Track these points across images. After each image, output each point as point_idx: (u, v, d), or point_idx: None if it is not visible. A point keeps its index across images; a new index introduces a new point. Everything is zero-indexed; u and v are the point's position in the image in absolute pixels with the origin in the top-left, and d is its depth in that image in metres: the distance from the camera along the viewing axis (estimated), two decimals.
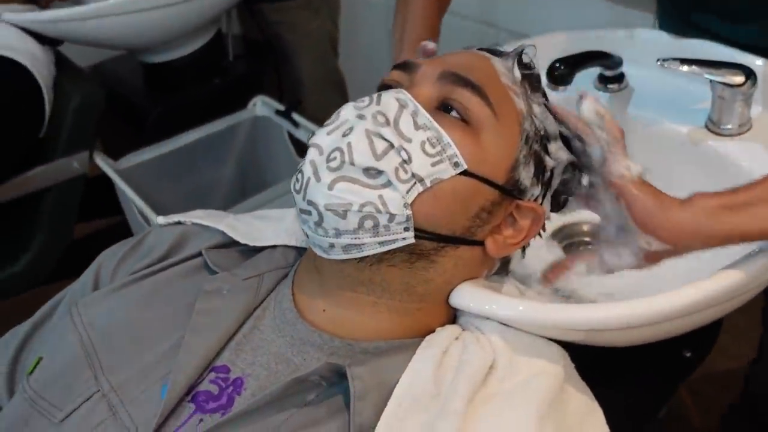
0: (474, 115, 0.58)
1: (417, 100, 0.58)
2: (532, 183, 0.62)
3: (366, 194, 0.54)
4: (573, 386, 0.58)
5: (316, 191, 0.54)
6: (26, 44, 1.23)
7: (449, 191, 0.56)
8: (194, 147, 1.49)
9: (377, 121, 0.56)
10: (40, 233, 1.35)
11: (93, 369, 0.58)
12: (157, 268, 0.67)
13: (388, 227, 0.55)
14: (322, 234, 0.56)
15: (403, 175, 0.54)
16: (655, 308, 0.58)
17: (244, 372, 0.57)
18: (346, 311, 0.59)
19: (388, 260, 0.57)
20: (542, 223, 0.64)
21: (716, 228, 0.59)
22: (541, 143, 0.62)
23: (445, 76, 0.60)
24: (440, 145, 0.56)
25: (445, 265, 0.59)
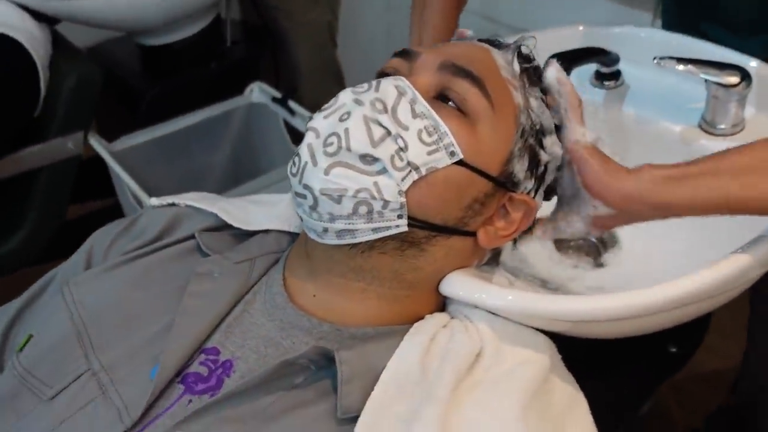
0: (472, 106, 0.59)
1: (415, 87, 0.58)
2: (526, 176, 0.62)
3: (361, 180, 0.54)
4: (558, 376, 0.59)
5: (312, 175, 0.55)
6: (24, 22, 1.22)
7: (443, 180, 0.56)
8: (189, 131, 1.49)
9: (375, 107, 0.56)
10: (32, 212, 1.34)
11: (84, 348, 0.58)
12: (150, 249, 0.67)
13: (382, 214, 0.55)
14: (316, 218, 0.56)
15: (398, 162, 0.54)
16: (641, 301, 0.58)
17: (234, 354, 0.57)
18: (336, 297, 0.60)
19: (380, 248, 0.57)
20: (534, 217, 0.65)
21: (660, 197, 0.59)
22: (537, 137, 0.63)
23: (446, 66, 0.60)
24: (437, 134, 0.56)
25: (435, 255, 0.60)
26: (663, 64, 0.82)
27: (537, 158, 0.63)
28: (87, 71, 1.30)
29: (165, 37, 1.50)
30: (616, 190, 0.60)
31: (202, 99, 1.51)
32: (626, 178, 0.60)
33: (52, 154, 1.30)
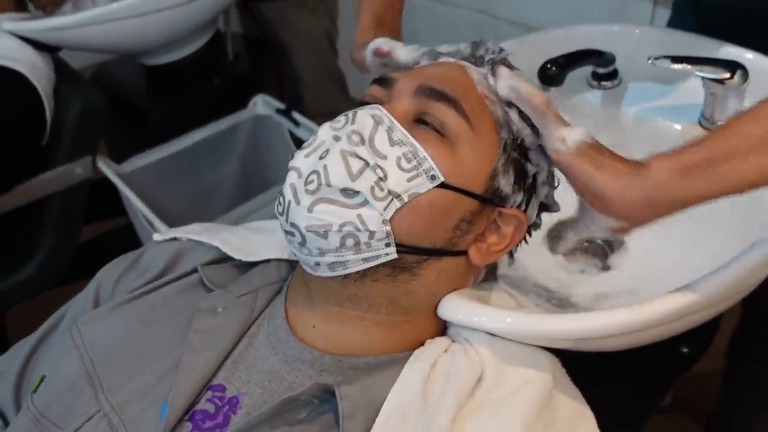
0: (449, 128, 0.59)
1: (393, 114, 0.59)
2: (514, 190, 0.62)
3: (344, 214, 0.55)
4: (563, 393, 0.59)
5: (297, 214, 0.56)
6: (26, 53, 1.23)
7: (427, 205, 0.57)
8: (196, 148, 1.50)
9: (352, 140, 0.56)
10: (46, 238, 1.36)
11: (94, 388, 0.60)
12: (154, 286, 0.68)
13: (369, 244, 0.56)
14: (306, 253, 0.57)
15: (379, 193, 0.55)
16: (642, 316, 0.58)
17: (240, 390, 0.58)
18: (335, 326, 0.60)
19: (371, 275, 0.58)
20: (525, 229, 0.64)
21: (677, 195, 0.54)
22: (521, 150, 0.62)
23: (421, 91, 0.60)
24: (416, 160, 0.56)
25: (427, 277, 0.60)
26: (658, 64, 0.82)
27: (524, 171, 0.63)
28: (91, 97, 1.31)
29: (167, 56, 1.51)
30: (618, 200, 0.55)
31: (207, 115, 1.52)
32: (627, 182, 0.55)
33: (62, 180, 1.32)
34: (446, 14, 1.79)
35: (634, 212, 0.56)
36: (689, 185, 0.53)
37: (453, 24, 1.78)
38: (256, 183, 1.59)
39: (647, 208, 0.55)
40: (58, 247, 1.37)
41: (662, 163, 0.54)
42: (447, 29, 1.81)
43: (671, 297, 0.59)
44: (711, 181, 0.53)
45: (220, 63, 1.61)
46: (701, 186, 0.53)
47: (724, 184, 0.53)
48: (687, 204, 0.55)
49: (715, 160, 0.53)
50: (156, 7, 1.32)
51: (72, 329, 0.65)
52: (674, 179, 0.53)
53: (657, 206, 0.55)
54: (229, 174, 1.61)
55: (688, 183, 0.53)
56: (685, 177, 0.53)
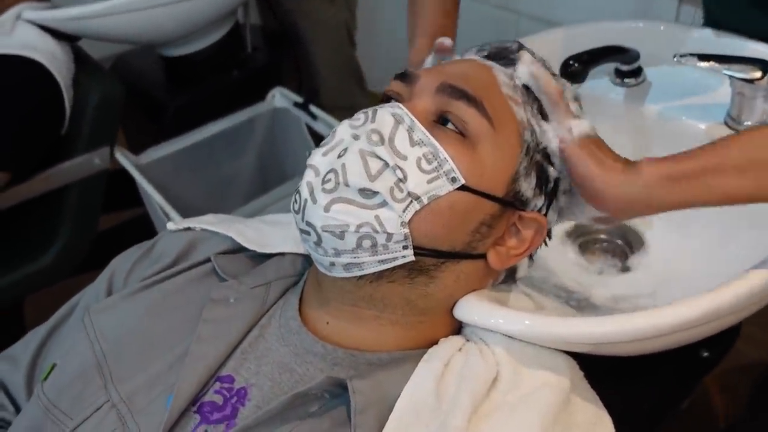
0: (471, 127, 0.57)
1: (414, 112, 0.57)
2: (535, 194, 0.61)
3: (362, 215, 0.54)
4: (580, 396, 0.58)
5: (313, 213, 0.55)
6: (45, 43, 1.23)
7: (447, 207, 0.55)
8: (214, 140, 1.50)
9: (371, 140, 0.55)
10: (65, 227, 1.37)
11: (103, 378, 0.59)
12: (167, 275, 0.67)
13: (387, 246, 0.54)
14: (322, 253, 0.56)
15: (398, 194, 0.54)
16: (663, 321, 0.56)
17: (248, 382, 0.57)
18: (349, 324, 0.59)
19: (388, 277, 0.57)
20: (545, 233, 0.63)
21: (659, 200, 0.58)
22: (544, 153, 0.61)
23: (443, 89, 0.59)
24: (437, 161, 0.55)
25: (445, 281, 0.59)
26: (684, 62, 0.80)
27: (546, 175, 0.61)
28: (110, 88, 1.31)
29: (186, 48, 1.51)
30: (611, 197, 0.59)
31: (225, 107, 1.52)
32: (621, 181, 0.58)
33: (80, 170, 1.32)
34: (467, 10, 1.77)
35: (619, 207, 0.59)
36: (673, 192, 0.57)
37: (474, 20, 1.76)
38: (272, 176, 1.59)
39: (630, 206, 0.59)
40: (76, 237, 1.38)
41: (653, 167, 0.58)
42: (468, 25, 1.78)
43: (694, 302, 0.57)
44: (695, 191, 0.57)
45: (239, 55, 1.61)
46: (684, 194, 0.57)
47: (706, 198, 0.58)
48: (669, 208, 0.59)
49: (702, 173, 0.56)
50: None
51: (84, 318, 0.65)
52: (661, 184, 0.57)
53: (639, 206, 0.59)
54: (245, 166, 1.60)
55: (672, 189, 0.57)
56: (671, 183, 0.57)
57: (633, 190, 0.58)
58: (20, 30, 1.24)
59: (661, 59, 0.92)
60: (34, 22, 1.26)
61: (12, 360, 0.73)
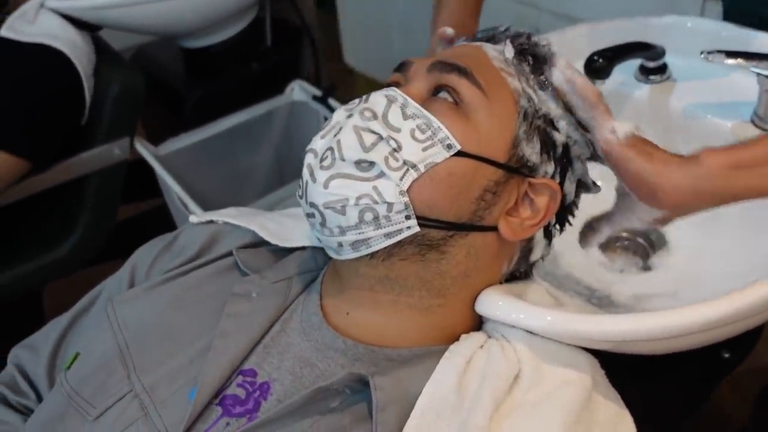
0: (463, 96, 0.58)
1: (408, 94, 0.59)
2: (543, 160, 0.60)
3: (360, 187, 0.54)
4: (602, 395, 0.57)
5: (314, 191, 0.56)
6: (67, 32, 1.24)
7: (446, 174, 0.56)
8: (232, 132, 1.50)
9: (364, 116, 0.56)
10: (84, 217, 1.38)
11: (126, 368, 0.60)
12: (189, 268, 0.68)
13: (389, 217, 0.55)
14: (328, 234, 0.57)
15: (393, 163, 0.54)
16: (687, 320, 0.56)
17: (271, 376, 0.57)
18: (368, 313, 0.59)
19: (398, 254, 0.57)
20: (559, 200, 0.62)
21: (725, 190, 0.55)
22: (545, 119, 0.61)
23: (434, 66, 0.60)
24: (430, 130, 0.56)
25: (457, 256, 0.58)
26: (711, 59, 0.79)
27: (551, 139, 0.61)
28: (130, 78, 1.31)
29: (206, 39, 1.52)
30: (671, 191, 0.56)
31: (244, 99, 1.52)
32: (682, 174, 0.56)
33: (100, 160, 1.33)
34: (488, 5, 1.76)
35: (679, 200, 0.57)
36: (739, 179, 0.55)
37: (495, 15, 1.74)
38: (290, 169, 1.59)
39: (693, 197, 0.57)
40: (95, 226, 1.39)
41: (714, 155, 0.56)
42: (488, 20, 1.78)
43: (718, 303, 0.56)
44: (763, 179, 0.55)
45: (259, 48, 1.61)
46: (751, 183, 0.55)
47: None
48: (734, 198, 0.56)
49: (764, 161, 0.54)
50: None
51: (107, 308, 0.66)
52: (726, 173, 0.55)
53: (703, 196, 0.57)
54: (263, 159, 1.61)
55: (738, 177, 0.55)
56: (736, 171, 0.55)
57: (696, 182, 0.56)
58: (43, 18, 1.25)
59: (686, 55, 0.91)
60: (57, 11, 1.26)
61: (34, 349, 0.74)
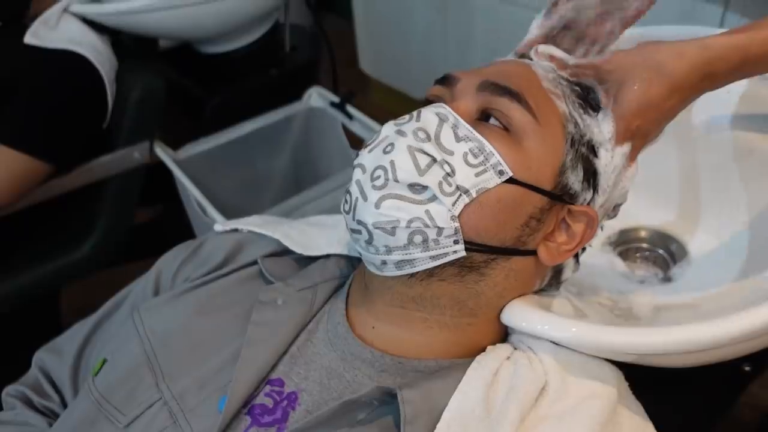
0: (515, 122, 0.58)
1: (457, 112, 0.58)
2: (583, 187, 0.61)
3: (413, 210, 0.54)
4: (627, 407, 0.58)
5: (364, 210, 0.55)
6: (88, 37, 1.25)
7: (496, 200, 0.56)
8: (250, 138, 1.51)
9: (418, 136, 0.56)
10: (102, 219, 1.39)
11: (155, 376, 0.60)
12: (214, 276, 0.68)
13: (438, 241, 0.55)
14: (373, 252, 0.56)
15: (447, 188, 0.54)
16: (716, 333, 0.55)
17: (298, 386, 0.58)
18: (396, 328, 0.60)
19: (438, 275, 0.57)
20: (596, 228, 0.62)
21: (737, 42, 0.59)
22: (588, 145, 0.61)
23: (484, 87, 0.59)
24: (483, 155, 0.56)
25: (496, 278, 0.59)
26: None
27: (593, 167, 0.61)
28: (151, 83, 1.33)
29: (225, 45, 1.52)
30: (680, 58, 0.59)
31: (262, 105, 1.53)
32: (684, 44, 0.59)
33: (120, 164, 1.34)
34: (506, 13, 1.77)
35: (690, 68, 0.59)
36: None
37: (512, 24, 1.76)
38: (307, 175, 1.60)
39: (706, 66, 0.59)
40: (113, 229, 1.40)
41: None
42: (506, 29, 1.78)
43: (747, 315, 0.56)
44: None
45: (277, 54, 1.62)
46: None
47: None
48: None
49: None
50: None
51: (134, 316, 0.67)
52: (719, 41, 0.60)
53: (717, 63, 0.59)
54: (281, 165, 1.61)
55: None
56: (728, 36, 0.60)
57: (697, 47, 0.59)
58: (64, 24, 1.26)
59: None
60: (80, 16, 1.27)
61: (58, 353, 0.75)
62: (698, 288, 0.84)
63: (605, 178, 0.62)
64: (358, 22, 2.31)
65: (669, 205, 0.91)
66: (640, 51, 0.61)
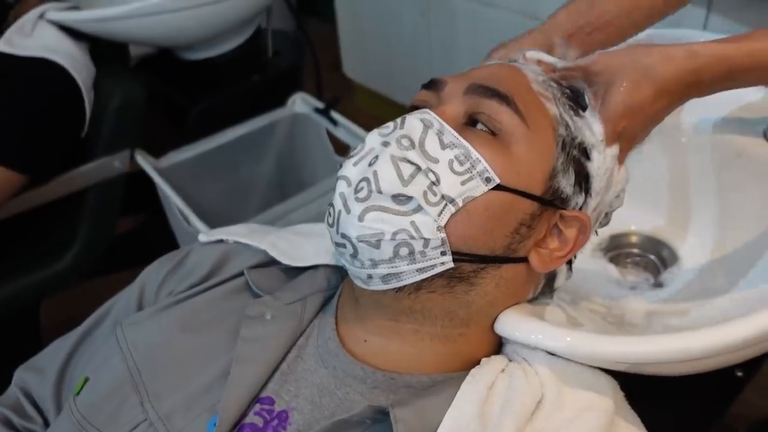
0: (503, 126, 0.56)
1: (443, 117, 0.56)
2: (575, 191, 0.59)
3: (397, 222, 0.52)
4: (623, 418, 0.56)
5: (348, 223, 0.53)
6: (65, 45, 1.23)
7: (484, 208, 0.54)
8: (234, 144, 1.49)
9: (402, 144, 0.54)
10: (83, 230, 1.36)
11: (139, 395, 0.58)
12: (200, 289, 0.67)
13: (424, 253, 0.53)
14: (358, 266, 0.55)
15: (432, 198, 0.52)
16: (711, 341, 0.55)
17: (289, 405, 0.56)
18: (387, 341, 0.58)
19: (427, 287, 0.55)
20: (589, 233, 0.61)
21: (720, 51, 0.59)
22: (580, 148, 0.60)
23: (472, 90, 0.58)
24: (469, 162, 0.54)
25: (486, 287, 0.57)
26: None
27: (584, 171, 0.60)
28: (131, 90, 1.30)
29: (207, 51, 1.50)
30: (667, 60, 0.59)
31: (246, 111, 1.51)
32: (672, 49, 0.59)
33: (100, 173, 1.31)
34: (487, 16, 1.77)
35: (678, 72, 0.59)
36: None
37: (494, 26, 1.76)
38: (292, 182, 1.58)
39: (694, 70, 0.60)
40: (94, 239, 1.37)
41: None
42: (488, 32, 1.78)
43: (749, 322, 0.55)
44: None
45: (260, 60, 1.60)
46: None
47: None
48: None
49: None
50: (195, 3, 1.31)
51: (117, 332, 0.64)
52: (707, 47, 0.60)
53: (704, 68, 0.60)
54: (265, 172, 1.59)
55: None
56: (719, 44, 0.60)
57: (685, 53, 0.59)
58: (40, 31, 1.24)
59: None
60: (56, 23, 1.25)
61: (39, 371, 0.73)
62: (689, 293, 0.83)
63: (598, 181, 0.61)
64: (341, 27, 2.30)
65: (659, 210, 0.91)
66: (629, 52, 0.60)
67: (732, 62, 0.59)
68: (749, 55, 0.59)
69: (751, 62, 0.59)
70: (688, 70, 0.58)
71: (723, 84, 0.61)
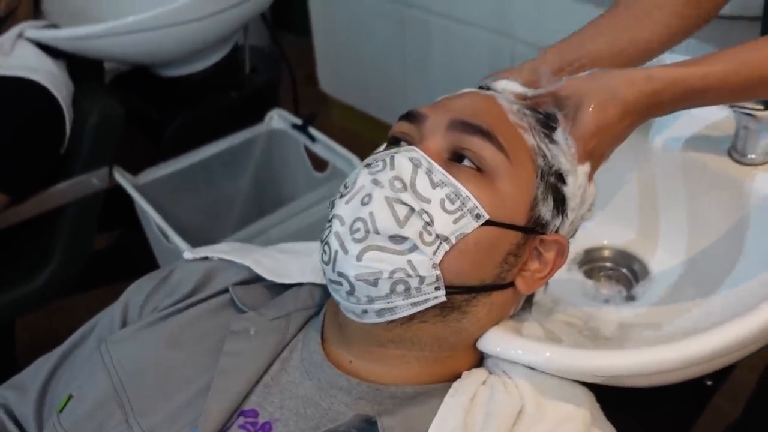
0: (488, 162, 0.58)
1: (429, 154, 0.58)
2: (553, 215, 0.62)
3: (395, 261, 0.54)
4: (600, 429, 0.59)
5: (345, 263, 0.55)
6: (44, 63, 1.23)
7: (474, 243, 0.56)
8: (211, 161, 1.50)
9: (395, 186, 0.56)
10: (60, 247, 1.35)
11: (124, 411, 0.59)
12: (184, 306, 0.67)
13: (420, 289, 0.55)
14: (354, 302, 0.56)
15: (427, 237, 0.55)
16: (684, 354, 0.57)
17: (273, 416, 0.57)
18: (373, 363, 0.60)
19: (420, 318, 0.57)
20: (566, 255, 0.64)
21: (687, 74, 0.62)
22: (557, 175, 0.62)
23: (454, 125, 0.60)
24: (459, 200, 0.56)
25: (478, 314, 0.60)
26: None
27: (561, 195, 0.63)
28: (109, 108, 1.30)
29: (185, 68, 1.51)
30: (629, 83, 0.61)
31: (223, 128, 1.52)
32: (634, 73, 0.62)
33: (78, 190, 1.31)
34: (461, 34, 1.79)
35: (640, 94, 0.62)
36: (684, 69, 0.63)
37: (468, 44, 1.78)
38: (270, 198, 1.59)
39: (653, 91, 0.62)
40: (71, 256, 1.36)
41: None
42: (462, 49, 1.81)
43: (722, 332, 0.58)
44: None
45: (237, 76, 1.61)
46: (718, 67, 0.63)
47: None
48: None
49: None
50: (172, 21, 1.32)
51: (101, 348, 0.65)
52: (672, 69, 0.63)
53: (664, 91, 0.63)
54: (243, 188, 1.60)
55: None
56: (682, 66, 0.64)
57: (644, 77, 0.62)
58: (19, 50, 1.23)
59: None
60: (35, 41, 1.25)
61: (20, 389, 0.72)
62: (660, 307, 0.86)
63: (573, 200, 0.64)
64: (317, 42, 2.32)
65: (630, 224, 0.93)
66: (594, 77, 0.63)
67: (687, 85, 0.62)
68: (703, 78, 0.62)
69: (705, 84, 0.62)
70: (648, 93, 0.62)
71: (682, 104, 0.64)
